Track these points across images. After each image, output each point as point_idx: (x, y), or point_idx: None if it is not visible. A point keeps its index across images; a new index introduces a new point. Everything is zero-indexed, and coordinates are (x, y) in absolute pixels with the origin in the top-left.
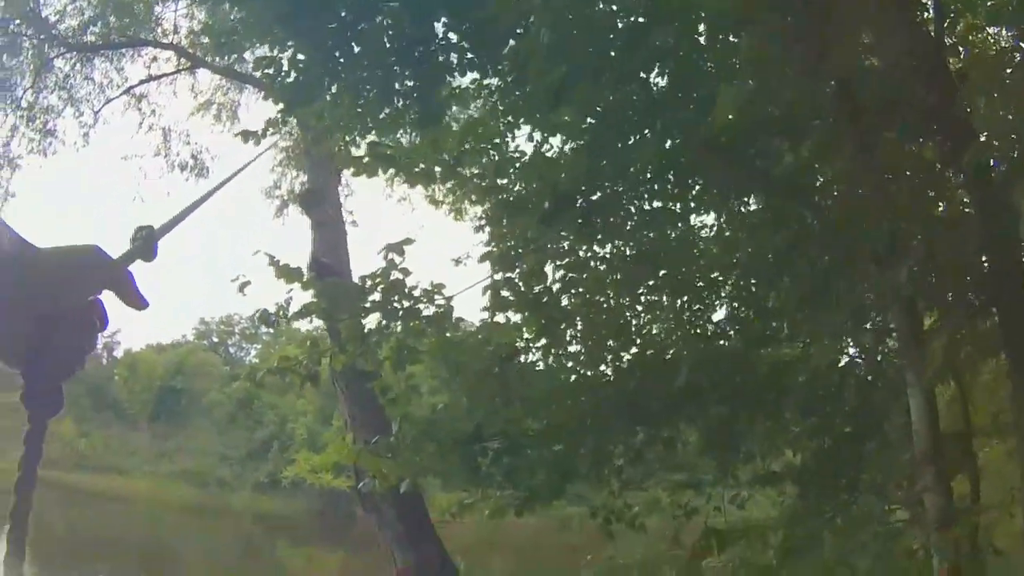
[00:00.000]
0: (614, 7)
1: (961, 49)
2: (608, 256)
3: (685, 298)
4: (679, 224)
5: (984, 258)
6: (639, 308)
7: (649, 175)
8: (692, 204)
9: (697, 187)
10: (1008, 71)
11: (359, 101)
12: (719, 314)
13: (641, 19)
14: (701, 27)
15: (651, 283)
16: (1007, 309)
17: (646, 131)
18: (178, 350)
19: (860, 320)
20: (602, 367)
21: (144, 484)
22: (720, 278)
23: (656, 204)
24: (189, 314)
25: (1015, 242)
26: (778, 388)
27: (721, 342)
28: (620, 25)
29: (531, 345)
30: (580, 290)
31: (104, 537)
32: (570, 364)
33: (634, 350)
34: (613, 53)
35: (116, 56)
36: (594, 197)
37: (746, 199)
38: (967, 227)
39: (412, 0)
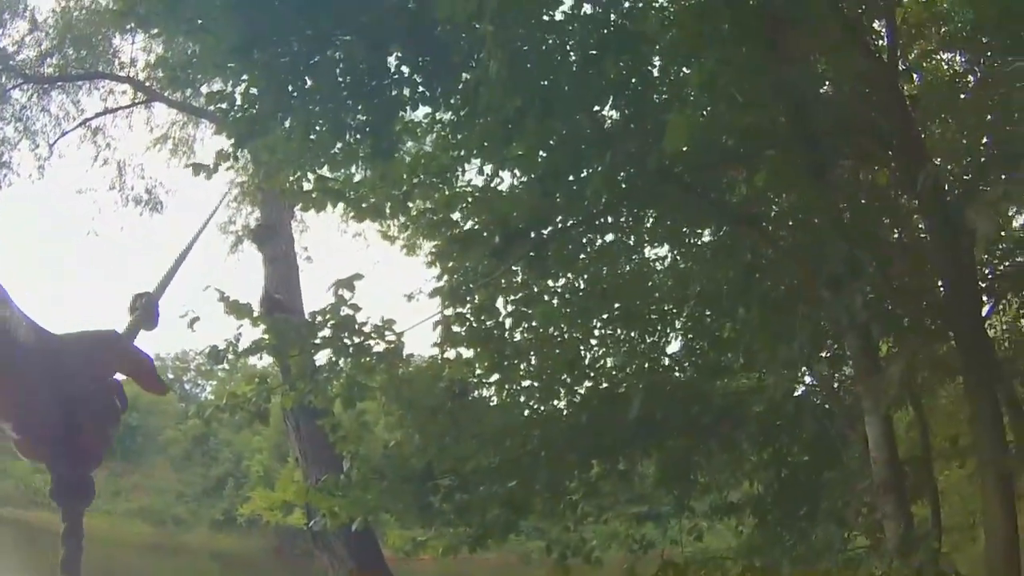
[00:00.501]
0: (566, 39)
1: (915, 75)
2: (559, 290)
3: (636, 332)
4: (633, 257)
5: (939, 282)
6: (593, 342)
7: (602, 207)
8: (646, 237)
9: (651, 219)
10: (962, 96)
11: (311, 135)
12: (674, 346)
13: (593, 51)
14: (655, 59)
15: (605, 316)
16: (963, 332)
17: (597, 166)
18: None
19: (816, 348)
20: (555, 401)
21: (100, 521)
22: (674, 310)
23: (609, 237)
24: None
25: (970, 265)
26: (733, 419)
27: (676, 374)
28: (572, 57)
29: (483, 380)
30: (532, 324)
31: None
32: (523, 399)
33: (588, 384)
34: (566, 87)
35: (73, 88)
36: (545, 231)
37: (699, 230)
38: (922, 252)
39: (365, 33)
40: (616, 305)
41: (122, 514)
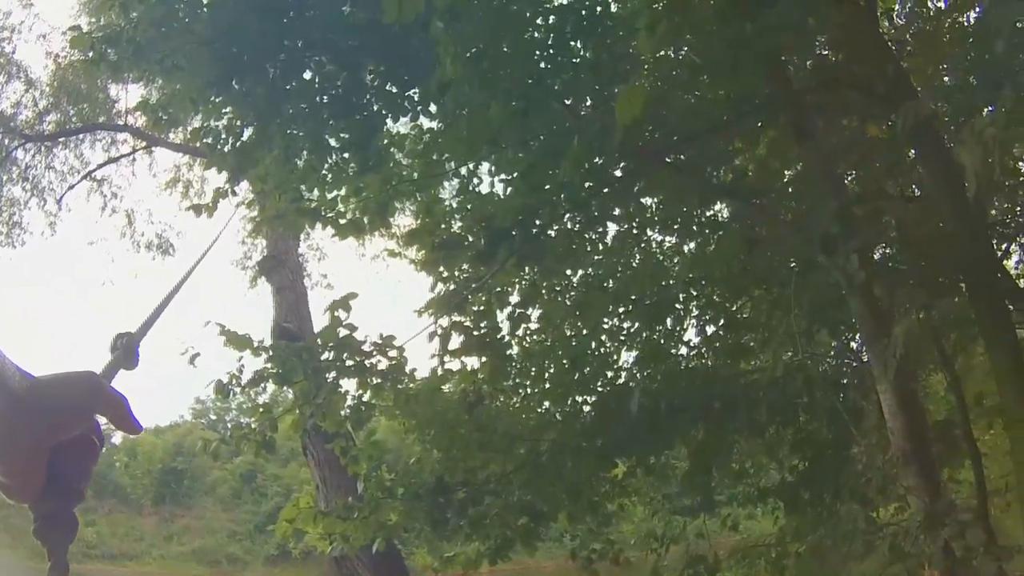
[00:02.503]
0: (531, 28)
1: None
2: (559, 287)
3: (644, 322)
4: (641, 245)
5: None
6: (603, 337)
7: (594, 196)
8: (649, 228)
9: (653, 205)
10: (946, 37)
11: (297, 159)
12: (689, 333)
13: (570, 37)
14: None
15: (615, 309)
16: (975, 282)
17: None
18: (176, 431)
19: (817, 318)
20: (567, 401)
21: (155, 568)
22: (683, 295)
23: (612, 228)
24: (186, 394)
25: (975, 209)
26: (749, 401)
27: (693, 362)
28: (540, 47)
29: (494, 388)
30: (533, 326)
31: None
32: (531, 403)
33: (601, 380)
34: (530, 79)
35: (75, 142)
36: (534, 229)
37: (700, 211)
38: (926, 200)
39: (337, 51)
40: (632, 296)
41: (175, 558)
